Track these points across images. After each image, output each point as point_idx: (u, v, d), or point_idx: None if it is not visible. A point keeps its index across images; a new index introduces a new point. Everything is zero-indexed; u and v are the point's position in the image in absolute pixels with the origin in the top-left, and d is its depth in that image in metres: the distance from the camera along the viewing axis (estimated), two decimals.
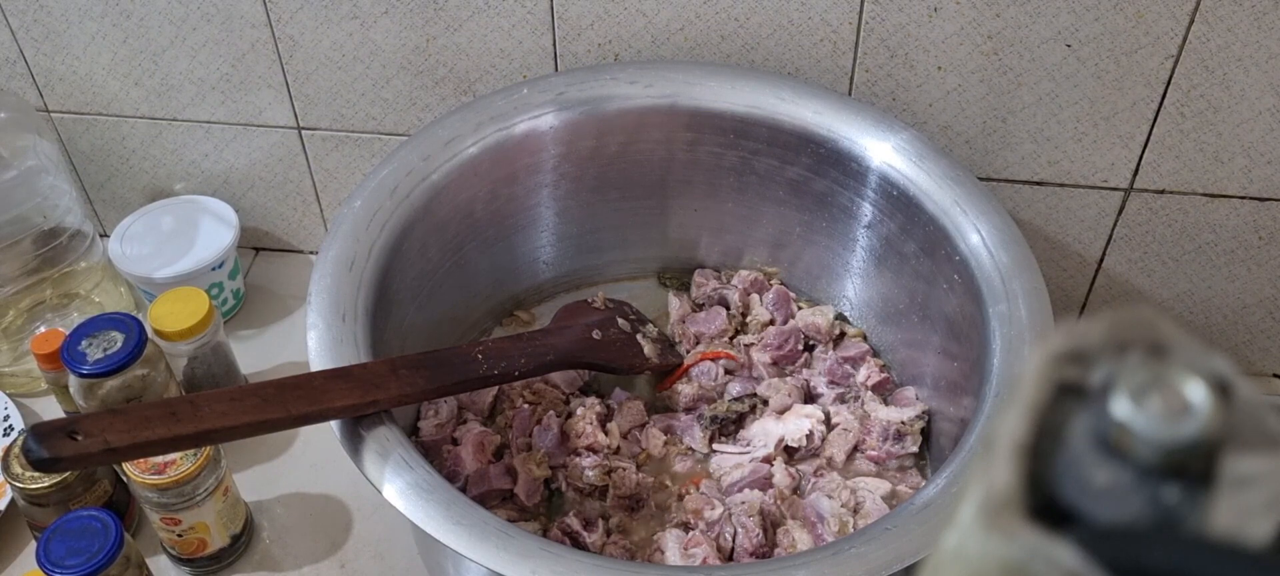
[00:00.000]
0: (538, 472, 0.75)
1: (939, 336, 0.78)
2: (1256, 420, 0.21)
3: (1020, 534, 0.20)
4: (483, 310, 0.88)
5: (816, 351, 0.86)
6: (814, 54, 0.82)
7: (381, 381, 0.63)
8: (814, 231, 0.86)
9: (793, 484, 0.76)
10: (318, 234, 1.03)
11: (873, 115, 0.79)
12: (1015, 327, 0.67)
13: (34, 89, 0.94)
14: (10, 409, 0.86)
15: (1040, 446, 0.21)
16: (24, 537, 0.79)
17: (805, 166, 0.82)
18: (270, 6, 0.85)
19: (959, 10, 0.77)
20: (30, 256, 0.90)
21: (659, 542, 0.71)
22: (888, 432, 0.78)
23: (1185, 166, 0.82)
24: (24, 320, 0.92)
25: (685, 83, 0.81)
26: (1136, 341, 0.22)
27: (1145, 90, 0.79)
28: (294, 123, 0.93)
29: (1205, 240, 0.87)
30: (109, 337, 0.76)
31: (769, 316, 0.88)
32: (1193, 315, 0.92)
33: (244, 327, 0.97)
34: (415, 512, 0.57)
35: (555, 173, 0.83)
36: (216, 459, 0.73)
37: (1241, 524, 0.19)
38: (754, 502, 0.73)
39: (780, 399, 0.81)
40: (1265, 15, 0.73)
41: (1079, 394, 0.22)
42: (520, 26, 0.83)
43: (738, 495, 0.75)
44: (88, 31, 0.89)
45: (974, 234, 0.72)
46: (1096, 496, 0.20)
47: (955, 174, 0.75)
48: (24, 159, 0.87)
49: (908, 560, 0.56)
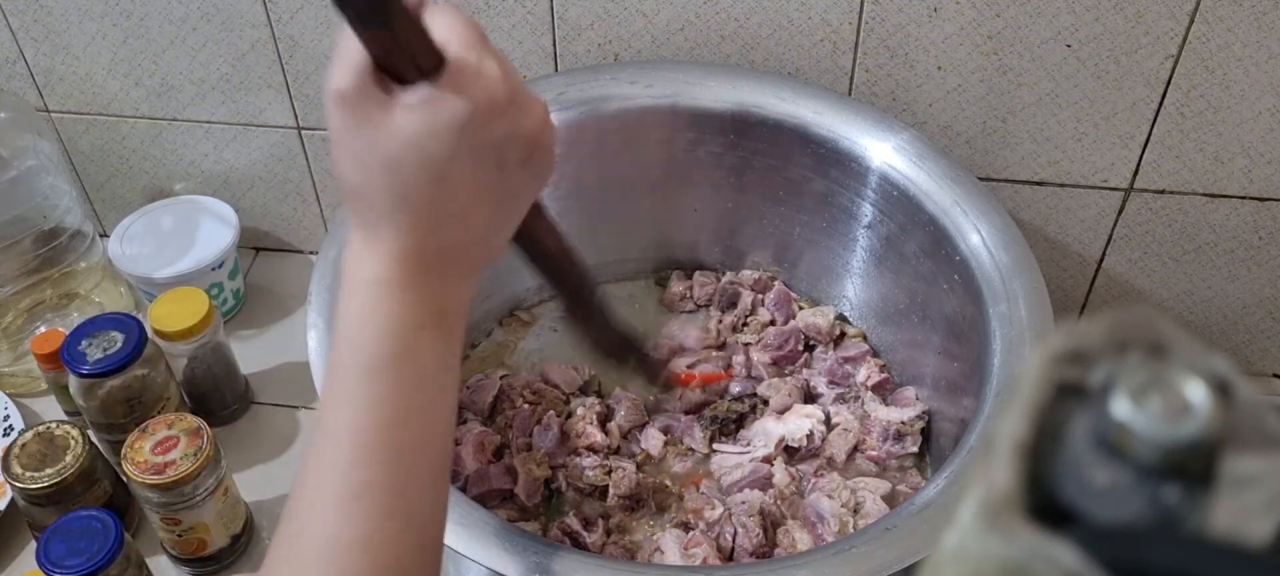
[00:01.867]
0: (538, 472, 0.75)
1: (939, 336, 0.78)
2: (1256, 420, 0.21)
3: (1020, 534, 0.20)
4: (482, 310, 0.88)
5: (817, 351, 0.86)
6: (814, 54, 0.82)
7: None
8: (814, 232, 0.86)
9: (793, 484, 0.76)
10: (318, 234, 1.03)
11: (873, 115, 0.79)
12: (1015, 328, 0.67)
13: (34, 89, 0.94)
14: (10, 409, 0.86)
15: (1040, 446, 0.21)
16: (24, 537, 0.79)
17: (805, 167, 0.82)
18: (270, 6, 0.85)
19: (959, 10, 0.77)
20: (30, 256, 0.90)
21: (659, 542, 0.71)
22: (888, 432, 0.78)
23: (1185, 166, 0.82)
24: (24, 320, 0.92)
25: (685, 83, 0.81)
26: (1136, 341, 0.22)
27: (1145, 90, 0.79)
28: (294, 123, 0.93)
29: (1205, 240, 0.87)
30: (109, 337, 0.76)
31: (769, 316, 0.88)
32: (1193, 315, 0.92)
33: (244, 328, 0.97)
34: None
35: (555, 173, 0.83)
36: (216, 459, 0.73)
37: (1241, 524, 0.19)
38: (754, 502, 0.73)
39: (780, 399, 0.81)
40: (1265, 15, 0.73)
41: (1079, 394, 0.22)
42: (520, 26, 0.83)
43: (738, 495, 0.75)
44: (88, 31, 0.89)
45: (974, 234, 0.72)
46: (1096, 496, 0.20)
47: (955, 174, 0.75)
48: (24, 159, 0.87)
49: (908, 560, 0.56)
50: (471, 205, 0.42)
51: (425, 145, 0.40)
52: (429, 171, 0.41)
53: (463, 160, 0.41)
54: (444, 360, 0.44)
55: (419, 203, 0.41)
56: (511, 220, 0.46)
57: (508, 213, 0.46)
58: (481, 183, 0.42)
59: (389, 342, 0.42)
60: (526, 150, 0.43)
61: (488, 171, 0.42)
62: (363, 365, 0.42)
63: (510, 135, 0.42)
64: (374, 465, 0.41)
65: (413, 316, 0.42)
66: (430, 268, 0.43)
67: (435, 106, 0.40)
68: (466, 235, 0.43)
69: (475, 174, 0.42)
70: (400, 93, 0.40)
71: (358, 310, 0.43)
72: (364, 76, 0.40)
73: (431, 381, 0.43)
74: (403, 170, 0.41)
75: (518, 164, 0.43)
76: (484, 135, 0.41)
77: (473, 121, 0.40)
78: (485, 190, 0.43)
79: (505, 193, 0.44)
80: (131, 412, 0.77)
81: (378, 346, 0.42)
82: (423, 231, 0.42)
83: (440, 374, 0.44)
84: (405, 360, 0.42)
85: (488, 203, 0.43)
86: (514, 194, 0.45)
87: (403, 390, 0.42)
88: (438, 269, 0.43)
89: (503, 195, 0.44)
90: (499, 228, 0.46)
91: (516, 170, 0.43)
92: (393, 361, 0.42)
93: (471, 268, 0.45)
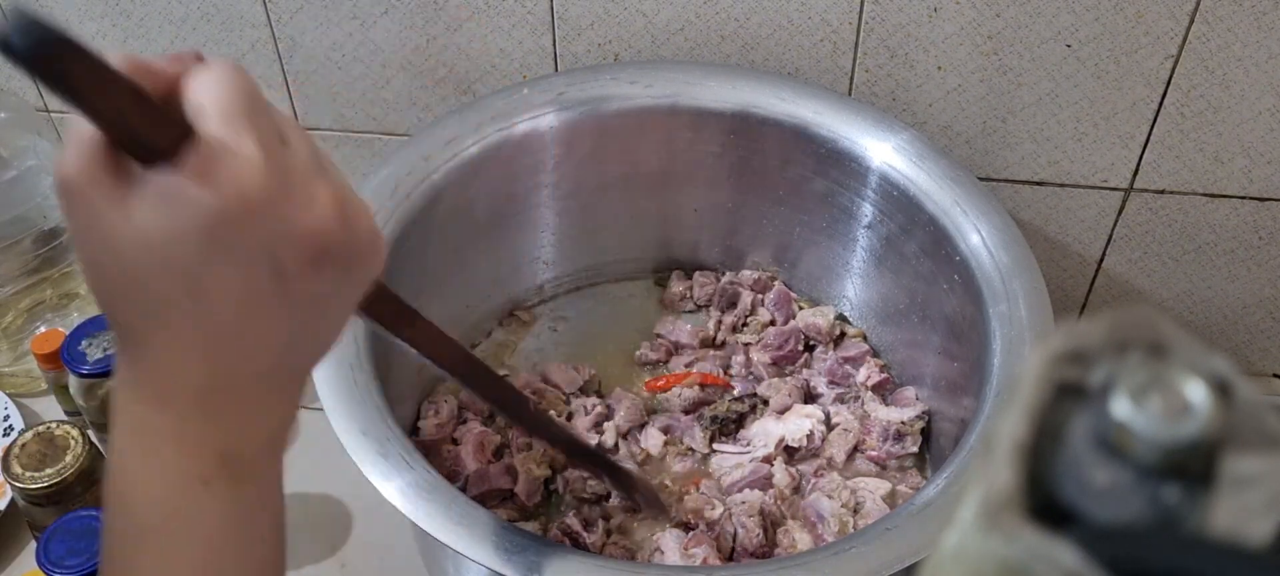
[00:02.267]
0: (538, 472, 0.75)
1: (939, 337, 0.78)
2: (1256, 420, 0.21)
3: (1020, 534, 0.20)
4: (483, 310, 0.88)
5: (817, 351, 0.86)
6: (814, 54, 0.82)
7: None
8: (814, 232, 0.86)
9: (793, 484, 0.76)
10: None
11: (873, 115, 0.79)
12: (1016, 328, 0.67)
13: (34, 89, 0.94)
14: (10, 409, 0.86)
15: (1040, 446, 0.21)
16: (24, 537, 0.79)
17: (806, 167, 0.82)
18: (270, 6, 0.85)
19: (959, 10, 0.77)
20: (30, 256, 0.90)
21: (659, 542, 0.71)
22: (888, 432, 0.78)
23: (1185, 166, 0.82)
24: (24, 320, 0.92)
25: (685, 83, 0.81)
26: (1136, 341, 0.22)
27: (1145, 90, 0.79)
28: None
29: (1205, 240, 0.87)
30: (109, 337, 0.76)
31: (769, 316, 0.88)
32: (1193, 315, 0.92)
33: None
34: (415, 512, 0.57)
35: (555, 173, 0.83)
36: None
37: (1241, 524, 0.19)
38: (754, 502, 0.73)
39: (780, 399, 0.81)
40: (1265, 15, 0.73)
41: (1079, 394, 0.22)
42: (520, 26, 0.83)
43: (738, 495, 0.75)
44: (88, 31, 0.89)
45: (974, 234, 0.72)
46: (1096, 496, 0.20)
47: (956, 174, 0.75)
48: (24, 159, 0.87)
49: (908, 560, 0.56)
50: (246, 321, 0.34)
51: (167, 250, 0.31)
52: (178, 283, 0.32)
53: (219, 267, 0.32)
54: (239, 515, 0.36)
55: (174, 320, 0.33)
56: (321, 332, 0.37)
57: (311, 324, 0.36)
58: (254, 293, 0.33)
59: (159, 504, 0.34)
60: (312, 251, 0.33)
61: (260, 279, 0.33)
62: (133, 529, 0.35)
63: (280, 235, 0.33)
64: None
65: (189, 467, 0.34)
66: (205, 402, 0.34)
67: (171, 202, 0.31)
68: (250, 358, 0.34)
69: (244, 283, 0.33)
70: (142, 178, 0.31)
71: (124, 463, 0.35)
72: (92, 159, 0.31)
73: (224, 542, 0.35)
74: (146, 280, 0.32)
75: (305, 266, 0.33)
76: (241, 236, 0.32)
77: (221, 221, 0.31)
78: (262, 302, 0.33)
79: (295, 301, 0.34)
80: None
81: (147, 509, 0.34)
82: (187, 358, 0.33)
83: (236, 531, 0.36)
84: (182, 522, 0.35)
85: (271, 316, 0.34)
86: (311, 301, 0.35)
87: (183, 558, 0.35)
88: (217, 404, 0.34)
89: (293, 304, 0.34)
90: (303, 344, 0.36)
91: (307, 274, 0.33)
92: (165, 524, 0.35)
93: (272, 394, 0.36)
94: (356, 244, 0.35)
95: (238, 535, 0.36)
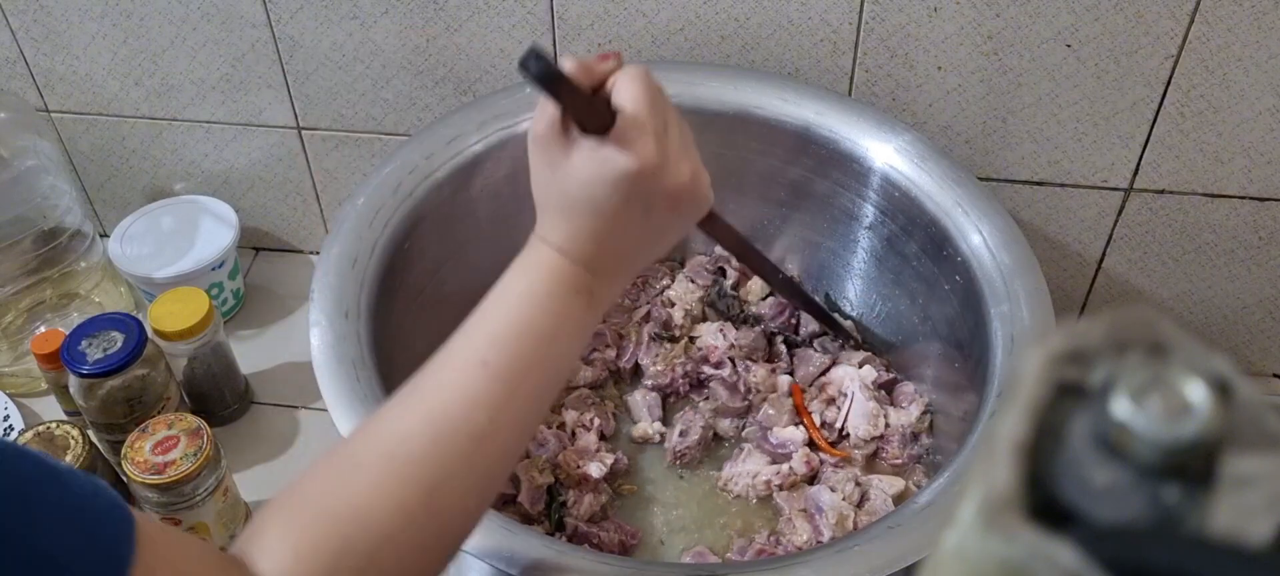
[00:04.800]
0: (540, 480, 0.75)
1: (940, 337, 0.78)
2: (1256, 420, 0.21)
3: (1020, 534, 0.20)
4: None
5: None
6: (814, 54, 0.82)
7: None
8: (815, 232, 0.86)
9: (809, 472, 0.76)
10: (317, 234, 1.03)
11: (874, 116, 0.79)
12: (1017, 328, 0.67)
13: (34, 89, 0.94)
14: (10, 409, 0.86)
15: (1040, 446, 0.21)
16: None
17: (807, 167, 0.82)
18: (270, 6, 0.85)
19: (959, 10, 0.77)
20: (30, 256, 0.90)
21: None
22: (906, 437, 0.79)
23: (1185, 166, 0.82)
24: (24, 320, 0.92)
25: (685, 83, 0.81)
26: (1136, 341, 0.22)
27: (1145, 90, 0.79)
28: (294, 123, 0.93)
29: (1205, 240, 0.87)
30: (109, 337, 0.76)
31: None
32: (1193, 315, 0.92)
33: (244, 327, 0.97)
34: None
35: None
36: (216, 459, 0.73)
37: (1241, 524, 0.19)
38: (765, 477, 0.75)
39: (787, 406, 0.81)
40: (1265, 15, 0.73)
41: (1079, 394, 0.22)
42: (520, 26, 0.83)
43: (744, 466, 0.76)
44: (88, 31, 0.89)
45: (975, 235, 0.72)
46: (1096, 496, 0.20)
47: (956, 175, 0.75)
48: (24, 159, 0.87)
49: (909, 559, 0.56)
50: (621, 236, 0.53)
51: (594, 188, 0.51)
52: (593, 207, 0.52)
53: (616, 200, 0.51)
54: (583, 320, 0.54)
55: (582, 225, 0.52)
56: (655, 248, 0.57)
57: (651, 244, 0.57)
58: (631, 221, 0.52)
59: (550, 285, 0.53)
60: (672, 202, 0.53)
61: (637, 214, 0.52)
62: (525, 291, 0.53)
63: (656, 189, 0.52)
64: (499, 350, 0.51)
65: (570, 280, 0.53)
66: (586, 262, 0.53)
67: (598, 159, 0.51)
68: (614, 254, 0.54)
69: (627, 214, 0.52)
70: (581, 140, 0.51)
71: (530, 264, 0.54)
72: (552, 125, 0.51)
73: (571, 325, 0.53)
74: (574, 202, 0.52)
75: (664, 210, 0.53)
76: (634, 187, 0.51)
77: (625, 176, 0.50)
78: (633, 226, 0.53)
79: (650, 230, 0.54)
80: (131, 412, 0.77)
81: (542, 284, 0.53)
82: (582, 243, 0.53)
83: (578, 325, 0.54)
84: (557, 300, 0.53)
85: (634, 236, 0.54)
86: (659, 231, 0.55)
87: (550, 317, 0.52)
88: (591, 266, 0.54)
89: (648, 231, 0.54)
90: (643, 253, 0.57)
91: (662, 214, 0.53)
92: (548, 297, 0.53)
93: (618, 273, 0.56)
94: (698, 200, 0.56)
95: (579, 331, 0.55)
